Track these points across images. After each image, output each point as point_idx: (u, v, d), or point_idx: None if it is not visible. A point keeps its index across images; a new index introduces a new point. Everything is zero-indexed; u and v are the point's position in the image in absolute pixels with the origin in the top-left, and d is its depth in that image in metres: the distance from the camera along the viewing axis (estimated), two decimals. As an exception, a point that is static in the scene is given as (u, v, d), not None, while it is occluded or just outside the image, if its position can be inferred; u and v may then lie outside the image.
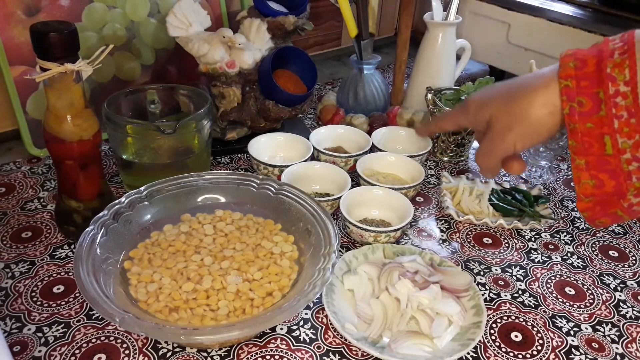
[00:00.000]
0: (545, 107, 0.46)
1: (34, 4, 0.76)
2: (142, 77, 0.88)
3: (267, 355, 0.53)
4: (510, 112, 0.48)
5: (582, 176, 0.45)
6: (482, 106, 0.51)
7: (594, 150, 0.43)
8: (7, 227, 0.67)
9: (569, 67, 0.44)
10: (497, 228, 0.73)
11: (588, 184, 0.45)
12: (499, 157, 0.51)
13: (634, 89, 0.41)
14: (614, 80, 0.42)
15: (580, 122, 0.43)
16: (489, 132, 0.51)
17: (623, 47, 0.42)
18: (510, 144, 0.49)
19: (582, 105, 0.43)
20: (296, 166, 0.75)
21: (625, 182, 0.43)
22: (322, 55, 1.23)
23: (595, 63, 0.43)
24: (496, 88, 0.52)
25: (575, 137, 0.44)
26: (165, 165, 0.70)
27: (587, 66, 0.43)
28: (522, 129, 0.48)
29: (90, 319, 0.56)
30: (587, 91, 0.43)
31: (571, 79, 0.44)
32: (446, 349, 0.53)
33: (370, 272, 0.60)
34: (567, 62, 0.44)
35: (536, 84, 0.47)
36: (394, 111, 0.91)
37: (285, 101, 0.82)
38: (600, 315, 0.61)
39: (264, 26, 0.80)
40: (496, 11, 1.04)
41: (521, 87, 0.48)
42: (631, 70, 0.41)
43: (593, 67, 0.43)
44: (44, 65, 0.54)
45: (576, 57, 0.44)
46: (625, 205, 0.44)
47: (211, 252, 0.59)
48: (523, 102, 0.47)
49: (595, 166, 0.44)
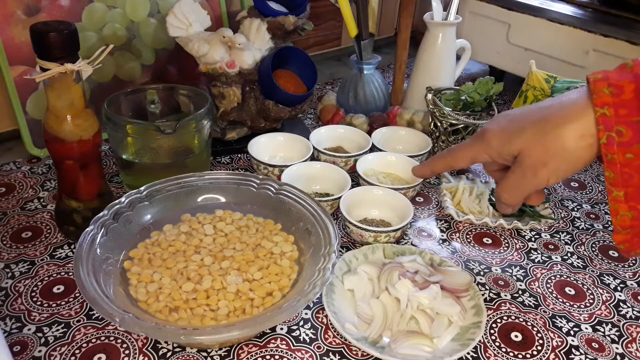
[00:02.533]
0: (582, 139, 0.43)
1: (34, 4, 0.76)
2: (142, 77, 0.88)
3: (267, 355, 0.53)
4: (544, 146, 0.45)
5: (620, 208, 0.43)
6: (509, 140, 0.47)
7: (634, 181, 0.41)
8: (7, 227, 0.67)
9: (604, 94, 0.41)
10: (497, 228, 0.73)
11: (627, 215, 0.42)
12: (527, 193, 0.48)
13: None
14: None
15: (620, 153, 0.41)
16: (518, 167, 0.47)
17: None
18: (544, 179, 0.46)
19: (621, 135, 0.41)
20: (296, 166, 0.75)
21: None
22: (322, 55, 1.23)
23: (633, 89, 0.40)
24: (521, 117, 0.48)
25: (614, 168, 0.42)
26: (165, 165, 0.70)
27: (624, 93, 0.41)
28: (557, 163, 0.45)
29: (90, 319, 0.56)
30: (627, 120, 0.41)
31: (608, 106, 0.41)
32: (446, 349, 0.53)
33: (370, 272, 0.60)
34: (600, 88, 0.42)
35: (569, 112, 0.44)
36: (394, 111, 0.91)
37: (285, 101, 0.82)
38: (600, 315, 0.61)
39: (264, 26, 0.80)
40: (496, 11, 1.04)
41: (553, 116, 0.45)
42: None
43: (631, 93, 0.41)
44: (44, 65, 0.54)
45: (610, 83, 0.42)
46: None
47: (211, 252, 0.59)
48: (558, 134, 0.44)
49: (634, 198, 0.42)
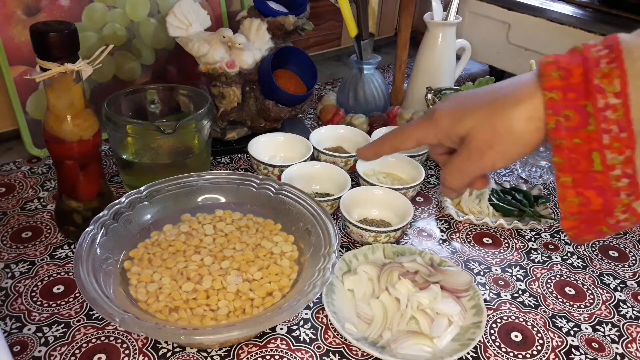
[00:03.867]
0: (531, 122, 0.42)
1: (34, 4, 0.76)
2: (142, 77, 0.88)
3: (267, 355, 0.53)
4: (492, 127, 0.43)
5: (567, 194, 0.41)
6: (459, 119, 0.45)
7: (581, 167, 0.40)
8: (7, 227, 0.67)
9: (553, 77, 0.40)
10: (497, 228, 0.73)
11: (574, 202, 0.41)
12: (473, 177, 0.47)
13: (624, 101, 0.38)
14: (602, 92, 0.38)
15: (567, 138, 0.40)
16: (464, 149, 0.45)
17: (610, 55, 0.39)
18: (489, 162, 0.44)
19: (569, 120, 0.40)
20: (296, 166, 0.75)
21: (613, 199, 0.40)
22: (322, 55, 1.23)
23: (581, 73, 0.39)
24: (471, 98, 0.46)
25: (562, 153, 0.40)
26: (165, 165, 0.70)
27: (573, 76, 0.39)
28: (505, 146, 0.43)
29: (90, 319, 0.56)
30: (575, 104, 0.39)
31: (557, 90, 0.40)
32: (446, 349, 0.53)
33: (370, 272, 0.60)
34: (549, 72, 0.40)
35: (519, 94, 0.42)
36: (394, 111, 0.91)
37: (285, 101, 0.82)
38: (600, 315, 0.61)
39: (264, 26, 0.80)
40: (496, 11, 1.04)
41: (503, 98, 0.43)
42: (621, 81, 0.38)
43: (579, 77, 0.39)
44: (44, 65, 0.54)
45: (559, 66, 0.40)
46: (611, 222, 0.41)
47: (211, 252, 0.59)
48: (506, 115, 0.42)
49: (582, 183, 0.41)
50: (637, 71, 0.38)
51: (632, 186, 0.39)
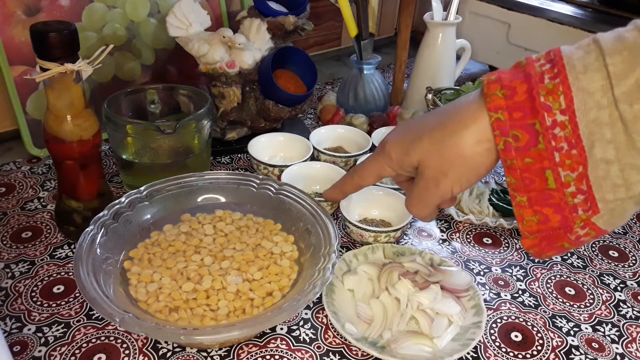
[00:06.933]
0: (480, 145, 0.41)
1: (34, 4, 0.76)
2: (142, 77, 0.88)
3: (267, 355, 0.53)
4: (442, 155, 0.43)
5: (525, 213, 0.41)
6: (406, 151, 0.45)
7: (535, 185, 0.39)
8: (7, 227, 0.67)
9: (498, 97, 0.39)
10: (497, 228, 0.73)
11: (532, 220, 0.41)
12: (435, 205, 0.46)
13: (571, 117, 0.37)
14: (549, 110, 0.37)
15: (518, 158, 0.39)
16: (420, 179, 0.45)
17: (552, 70, 0.38)
18: (447, 189, 0.44)
19: (517, 140, 0.39)
20: (296, 166, 0.75)
21: (571, 215, 0.39)
22: (322, 55, 1.23)
23: (525, 90, 0.38)
24: (418, 125, 0.45)
25: (514, 174, 0.40)
26: (165, 165, 0.70)
27: (517, 94, 0.39)
28: (458, 172, 0.43)
29: (90, 319, 0.56)
30: (522, 123, 0.38)
31: (502, 110, 0.39)
32: (446, 349, 0.53)
33: (370, 272, 0.60)
34: (493, 90, 0.39)
35: (465, 118, 0.42)
36: (394, 111, 0.92)
37: (285, 101, 0.82)
38: (600, 315, 0.61)
39: (264, 26, 0.80)
40: (496, 11, 1.04)
41: (449, 122, 0.43)
42: (566, 97, 0.37)
43: (524, 95, 0.38)
44: (44, 65, 0.53)
45: (503, 84, 0.39)
46: (572, 238, 0.41)
47: (211, 252, 0.59)
48: (454, 141, 0.42)
49: (538, 202, 0.40)
50: (581, 85, 0.37)
51: (588, 201, 0.38)
